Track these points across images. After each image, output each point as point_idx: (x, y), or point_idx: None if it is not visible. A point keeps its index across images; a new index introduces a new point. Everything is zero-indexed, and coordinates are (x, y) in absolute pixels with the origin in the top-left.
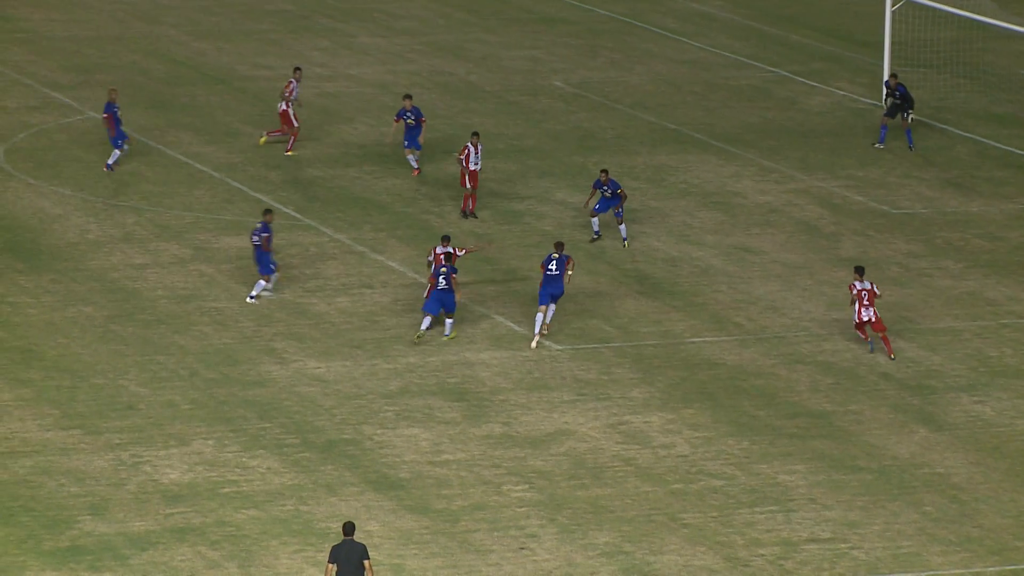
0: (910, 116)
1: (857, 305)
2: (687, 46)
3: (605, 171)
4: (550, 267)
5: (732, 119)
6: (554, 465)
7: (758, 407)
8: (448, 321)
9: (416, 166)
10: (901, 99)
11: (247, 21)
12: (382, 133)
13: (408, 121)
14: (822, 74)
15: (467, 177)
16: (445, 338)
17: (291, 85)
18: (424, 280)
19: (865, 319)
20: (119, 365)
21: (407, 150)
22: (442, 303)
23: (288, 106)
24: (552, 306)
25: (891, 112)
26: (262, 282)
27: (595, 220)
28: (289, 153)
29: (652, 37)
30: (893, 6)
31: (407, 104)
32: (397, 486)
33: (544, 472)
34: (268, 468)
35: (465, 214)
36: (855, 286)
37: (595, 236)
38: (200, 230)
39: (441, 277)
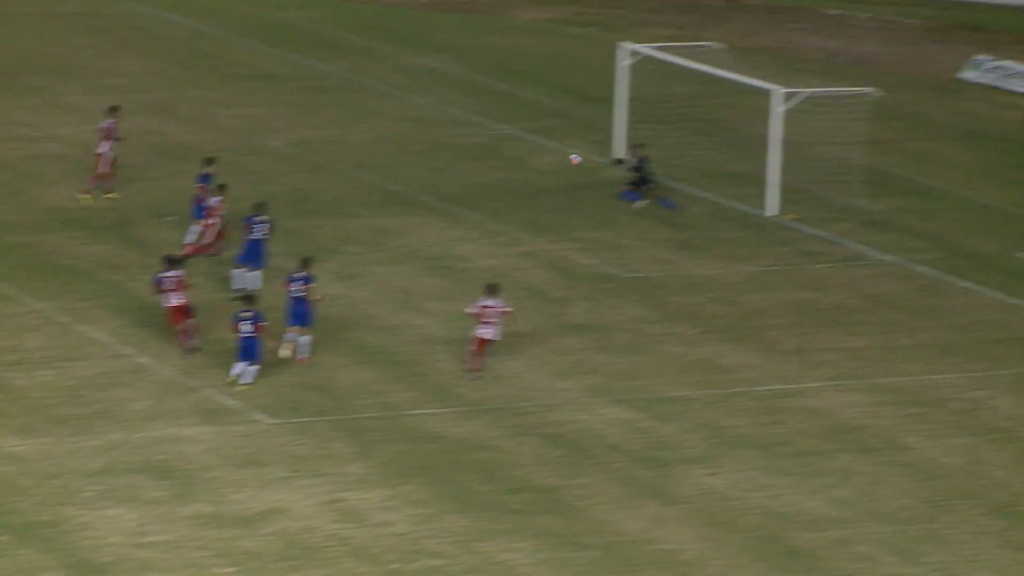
0: (650, 192)
1: (480, 320)
2: (412, 103)
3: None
4: (293, 288)
5: (458, 179)
6: (265, 545)
7: (481, 482)
8: (250, 369)
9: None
10: (635, 170)
11: None
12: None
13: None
14: (552, 131)
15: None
16: (242, 386)
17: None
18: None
19: (479, 334)
20: None
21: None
22: (245, 353)
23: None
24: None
25: (635, 184)
26: None
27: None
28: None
29: (375, 94)
30: (626, 61)
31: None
32: (99, 570)
33: (254, 553)
34: None
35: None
36: (477, 303)
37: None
38: None
39: (243, 324)
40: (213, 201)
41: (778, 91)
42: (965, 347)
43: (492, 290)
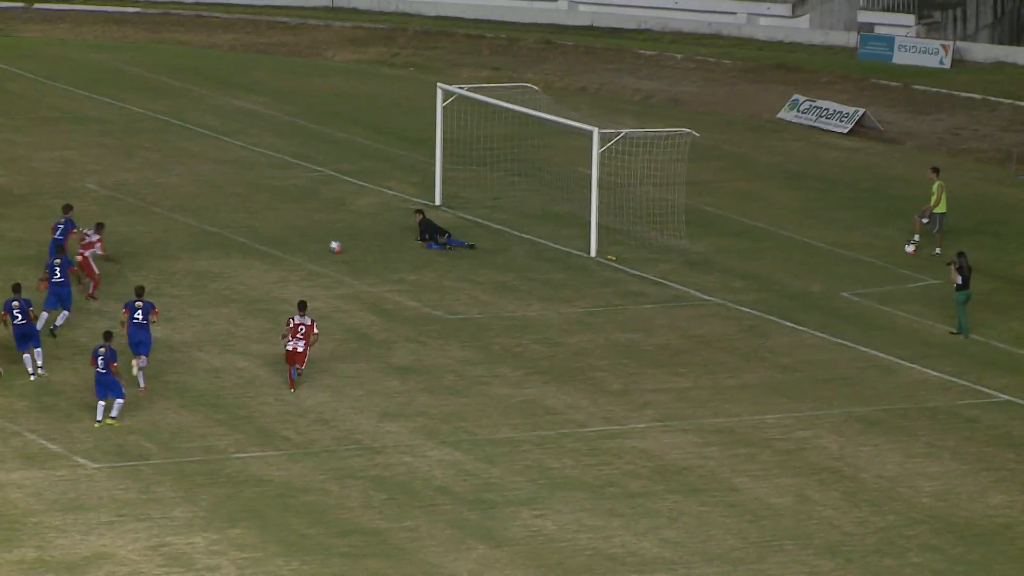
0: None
1: (291, 336)
2: (229, 145)
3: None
4: (135, 315)
5: (277, 221)
6: None
7: (308, 525)
8: (117, 401)
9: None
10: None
11: None
12: None
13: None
14: (371, 173)
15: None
16: (110, 421)
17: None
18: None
19: (289, 348)
20: None
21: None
22: (107, 388)
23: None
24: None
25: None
26: None
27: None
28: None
29: (192, 136)
30: (444, 102)
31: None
32: None
33: None
34: None
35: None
36: (293, 320)
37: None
38: None
39: (100, 359)
40: (95, 238)
41: (596, 131)
42: (790, 387)
43: (302, 307)
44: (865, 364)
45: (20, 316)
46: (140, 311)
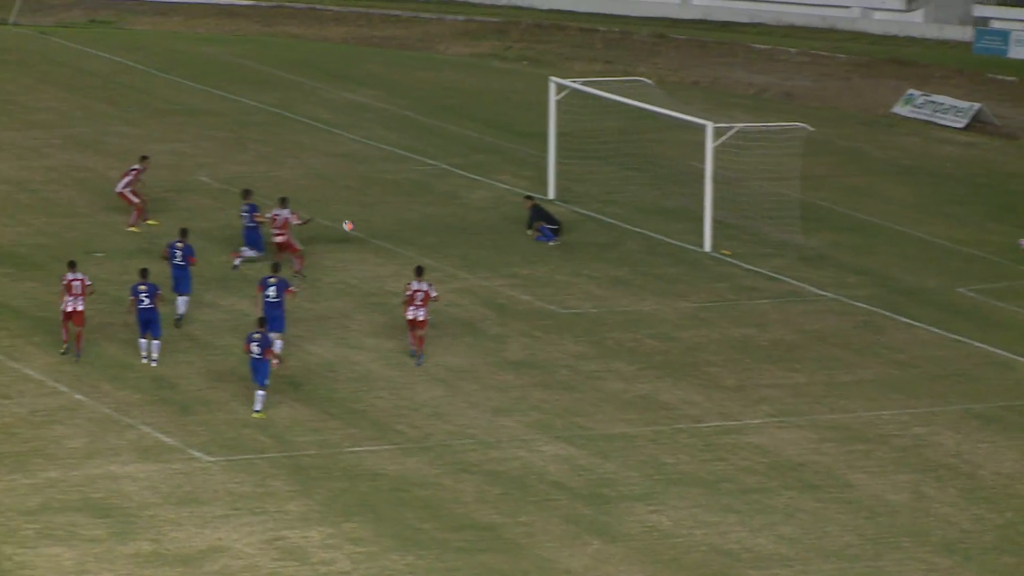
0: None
1: (409, 304)
2: (341, 138)
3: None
4: (268, 293)
5: (390, 215)
6: None
7: (423, 519)
8: (259, 394)
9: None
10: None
11: None
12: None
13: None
14: (483, 167)
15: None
16: (256, 414)
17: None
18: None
19: (411, 317)
20: None
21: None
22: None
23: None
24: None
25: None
26: None
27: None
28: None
29: (303, 129)
30: (557, 95)
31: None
32: None
33: None
34: None
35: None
36: (411, 286)
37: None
38: None
39: (254, 344)
40: (285, 213)
41: (710, 126)
42: (906, 383)
43: (419, 272)
44: (982, 360)
45: (147, 300)
46: (273, 287)
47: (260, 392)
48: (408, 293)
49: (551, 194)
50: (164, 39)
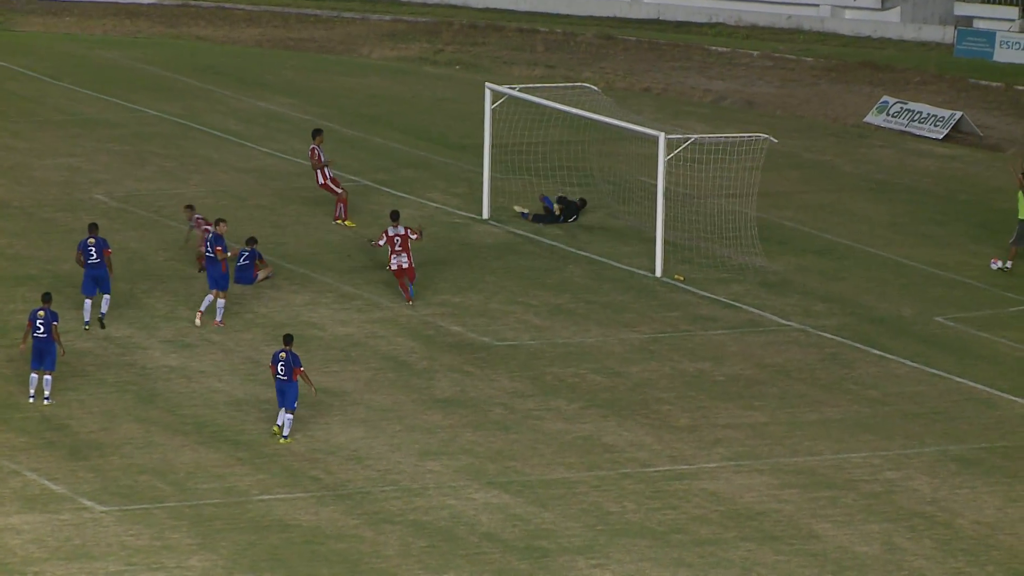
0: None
1: (390, 253)
2: (253, 151)
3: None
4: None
5: (307, 237)
6: None
7: (339, 575)
8: (286, 417)
9: None
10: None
11: None
12: None
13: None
14: (412, 183)
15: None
16: (283, 440)
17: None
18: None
19: (395, 267)
20: None
21: None
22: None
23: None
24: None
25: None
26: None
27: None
28: (341, 222)
29: (211, 141)
30: (493, 104)
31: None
32: None
33: None
34: None
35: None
36: (387, 232)
37: None
38: None
39: (280, 365)
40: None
41: (662, 137)
42: (878, 423)
43: (395, 217)
44: (961, 397)
45: (43, 329)
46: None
47: (288, 416)
48: (383, 240)
49: (485, 213)
50: (55, 42)
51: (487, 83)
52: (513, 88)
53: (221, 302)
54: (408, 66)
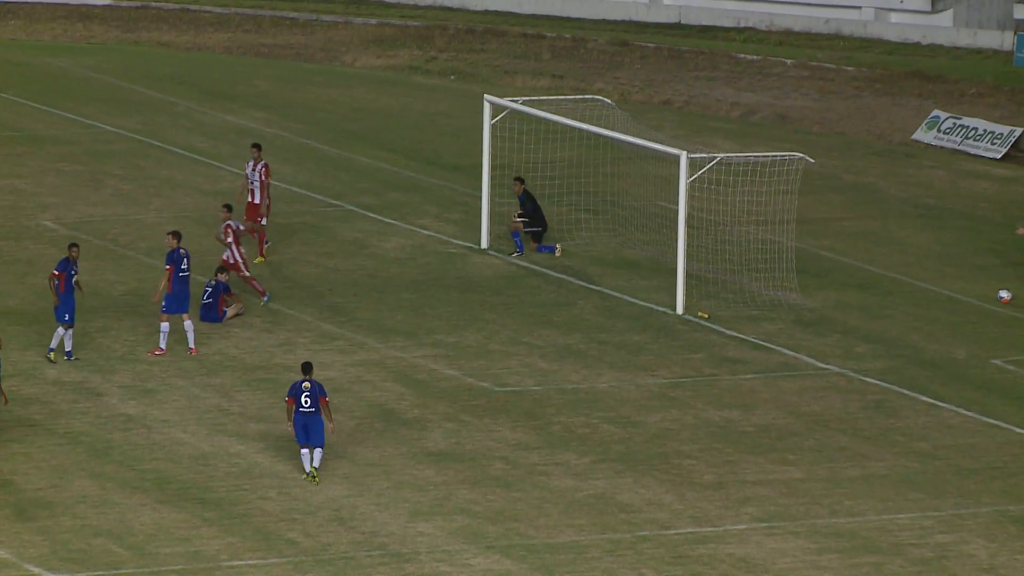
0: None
1: (234, 247)
2: (220, 172)
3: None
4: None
5: (281, 269)
6: None
7: None
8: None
9: None
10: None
11: None
12: None
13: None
14: (400, 208)
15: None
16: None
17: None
18: None
19: (231, 262)
20: None
21: None
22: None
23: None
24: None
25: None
26: None
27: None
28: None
29: (174, 160)
30: (493, 118)
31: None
32: None
33: None
34: None
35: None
36: (230, 226)
37: None
38: None
39: (305, 396)
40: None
41: (684, 156)
42: (928, 479)
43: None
44: (1022, 450)
45: None
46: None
47: (317, 450)
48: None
49: (484, 242)
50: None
51: (486, 95)
52: (515, 101)
53: (188, 323)
54: (396, 76)
